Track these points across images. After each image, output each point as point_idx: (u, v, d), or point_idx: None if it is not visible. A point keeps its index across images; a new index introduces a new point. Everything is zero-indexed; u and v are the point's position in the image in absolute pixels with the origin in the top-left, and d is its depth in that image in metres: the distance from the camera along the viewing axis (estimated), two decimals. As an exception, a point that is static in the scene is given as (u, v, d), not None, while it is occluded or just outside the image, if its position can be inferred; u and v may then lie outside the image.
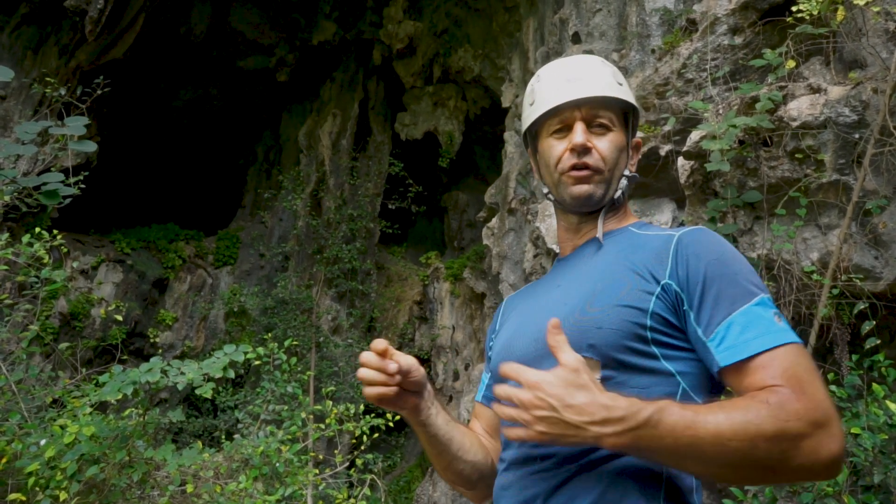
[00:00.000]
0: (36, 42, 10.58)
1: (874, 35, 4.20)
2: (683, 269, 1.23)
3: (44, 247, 4.29)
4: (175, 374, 3.56)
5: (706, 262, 1.22)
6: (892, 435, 3.19)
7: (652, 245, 1.32)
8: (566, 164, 1.41)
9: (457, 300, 12.87)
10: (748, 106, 4.39)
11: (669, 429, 1.02)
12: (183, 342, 12.69)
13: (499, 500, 1.32)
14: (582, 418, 1.03)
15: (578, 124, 1.40)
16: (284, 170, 14.27)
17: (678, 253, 1.26)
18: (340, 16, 13.69)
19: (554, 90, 1.43)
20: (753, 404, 1.05)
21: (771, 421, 1.02)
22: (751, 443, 1.01)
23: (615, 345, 1.21)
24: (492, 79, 12.66)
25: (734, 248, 1.28)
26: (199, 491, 4.07)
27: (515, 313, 1.56)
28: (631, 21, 6.79)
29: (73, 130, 2.80)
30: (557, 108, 1.42)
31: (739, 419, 1.02)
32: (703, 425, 1.02)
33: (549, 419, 1.05)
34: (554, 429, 1.05)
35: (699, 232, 1.30)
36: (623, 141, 1.44)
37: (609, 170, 1.40)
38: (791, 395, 1.05)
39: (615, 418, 1.03)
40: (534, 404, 1.06)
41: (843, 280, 3.94)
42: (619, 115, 1.44)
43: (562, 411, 1.04)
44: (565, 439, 1.06)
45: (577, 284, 1.38)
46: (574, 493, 1.18)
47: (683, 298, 1.22)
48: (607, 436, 1.04)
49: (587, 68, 1.44)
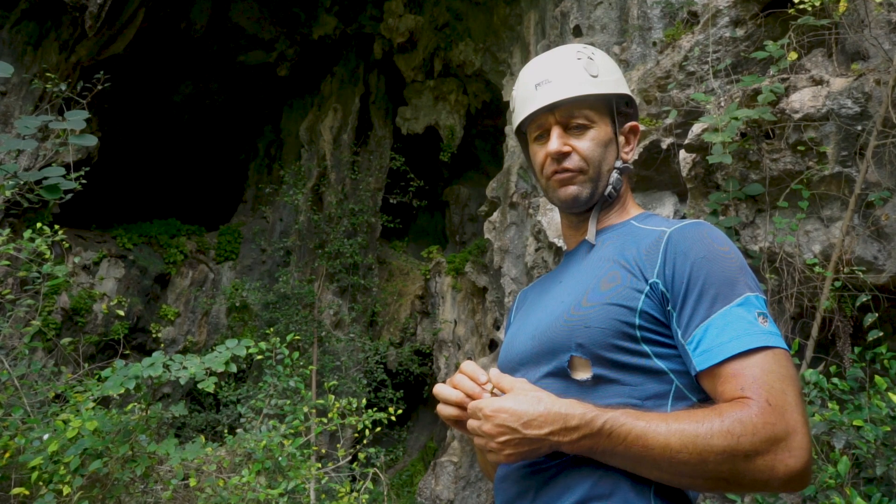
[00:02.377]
0: (36, 38, 10.56)
1: (876, 26, 4.18)
2: (671, 267, 1.21)
3: (45, 242, 4.29)
4: (177, 368, 3.56)
5: (692, 261, 1.19)
6: (895, 427, 3.19)
7: (645, 240, 1.30)
8: (549, 170, 1.40)
9: (458, 294, 12.88)
10: (750, 98, 4.37)
11: (621, 438, 1.07)
12: (185, 337, 12.71)
13: (498, 492, 1.34)
14: (541, 431, 1.08)
15: (554, 130, 1.38)
16: (286, 164, 14.27)
17: (667, 250, 1.23)
18: (341, 10, 13.66)
19: (526, 97, 1.42)
20: (709, 418, 1.05)
21: (721, 437, 1.02)
22: (700, 456, 1.03)
23: (603, 343, 1.20)
24: (493, 72, 12.63)
25: (727, 243, 1.24)
26: (202, 485, 4.08)
27: (523, 309, 1.57)
28: (632, 14, 6.77)
29: (73, 125, 2.80)
30: (531, 117, 1.41)
31: (690, 432, 1.04)
32: (653, 437, 1.05)
33: (512, 441, 1.10)
34: (520, 448, 1.10)
35: (691, 227, 1.26)
36: (607, 134, 1.41)
37: (594, 168, 1.38)
38: (754, 410, 1.04)
39: (571, 427, 1.08)
40: (496, 433, 1.11)
41: (846, 272, 3.93)
42: (599, 110, 1.40)
43: (522, 430, 1.09)
44: (533, 453, 1.12)
45: (574, 281, 1.38)
46: (566, 486, 1.19)
47: (668, 298, 1.20)
48: (566, 443, 1.09)
49: (557, 68, 1.40)
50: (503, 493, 1.31)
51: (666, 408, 1.19)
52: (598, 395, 1.19)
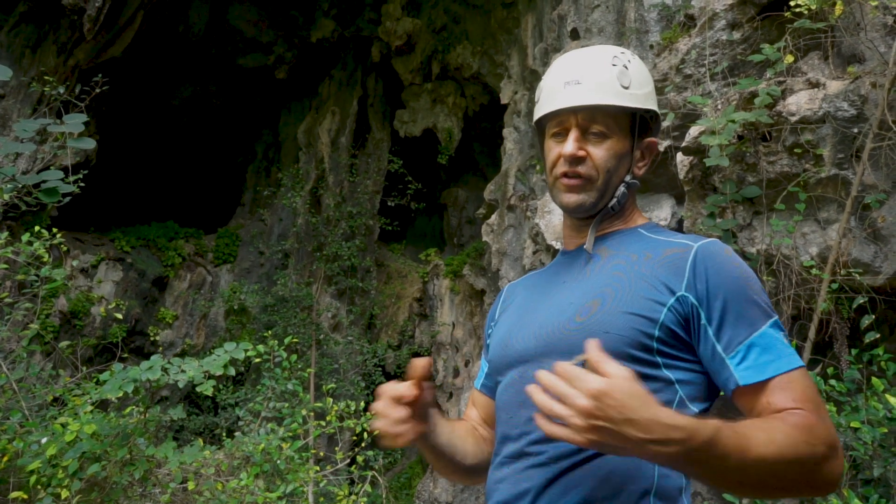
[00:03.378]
0: (34, 40, 10.56)
1: (872, 29, 4.20)
2: (703, 282, 1.23)
3: (43, 245, 4.29)
4: (175, 371, 3.56)
5: (727, 279, 1.23)
6: (892, 429, 3.20)
7: (665, 253, 1.31)
8: (559, 171, 1.39)
9: (456, 297, 12.87)
10: (747, 101, 4.39)
11: (721, 451, 1.02)
12: (183, 340, 12.70)
13: (492, 493, 1.33)
14: (643, 436, 0.99)
15: (573, 132, 1.37)
16: (284, 167, 14.26)
17: (696, 265, 1.25)
18: (339, 13, 13.67)
19: (553, 92, 1.40)
20: (786, 428, 1.08)
21: (805, 446, 1.06)
22: (787, 465, 1.05)
23: (620, 351, 1.20)
24: (490, 75, 12.65)
25: (748, 266, 1.30)
26: (201, 488, 4.07)
27: (516, 304, 1.54)
28: (629, 17, 6.78)
29: (71, 128, 2.80)
30: (555, 113, 1.39)
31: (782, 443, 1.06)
32: (752, 448, 1.04)
33: (605, 430, 1.00)
34: (607, 440, 1.00)
35: (717, 245, 1.29)
36: (624, 147, 1.40)
37: (604, 178, 1.37)
38: (814, 419, 1.10)
39: (676, 439, 0.99)
40: (592, 413, 0.99)
41: (843, 274, 3.94)
42: (621, 121, 1.39)
43: (621, 426, 0.99)
44: (613, 450, 1.03)
45: (583, 284, 1.37)
46: (566, 488, 1.20)
47: (701, 312, 1.22)
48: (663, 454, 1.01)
49: (590, 70, 1.37)
50: (498, 494, 1.30)
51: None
52: None
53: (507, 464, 1.32)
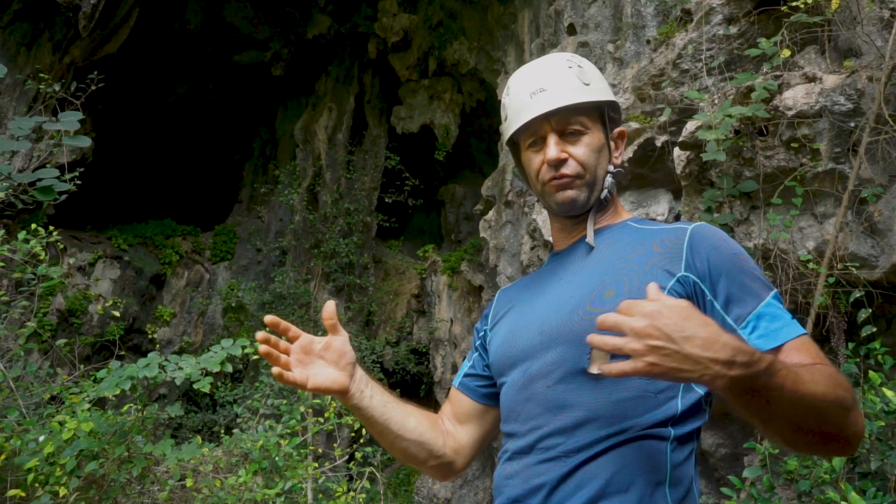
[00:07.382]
0: (29, 38, 10.52)
1: (869, 23, 4.20)
2: (703, 260, 1.28)
3: (40, 243, 4.28)
4: (173, 369, 3.56)
5: (726, 255, 1.29)
6: (889, 422, 3.20)
7: (658, 240, 1.35)
8: (546, 177, 1.43)
9: (454, 293, 12.87)
10: (744, 95, 4.38)
11: (779, 382, 1.01)
12: (181, 338, 12.69)
13: (502, 489, 1.32)
14: (706, 353, 0.97)
15: (551, 137, 1.41)
16: (280, 164, 14.24)
17: (693, 245, 1.30)
18: (335, 9, 13.64)
19: (521, 106, 1.44)
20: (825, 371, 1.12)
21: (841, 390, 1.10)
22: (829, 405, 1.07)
23: None
24: (487, 71, 12.63)
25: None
26: (199, 485, 4.08)
27: (516, 306, 1.55)
28: (626, 12, 6.78)
29: (67, 126, 2.79)
30: (527, 125, 1.43)
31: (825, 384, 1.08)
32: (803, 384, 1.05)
33: (665, 350, 0.97)
34: (667, 361, 0.97)
35: (708, 226, 1.35)
36: (601, 140, 1.45)
37: (591, 172, 1.42)
38: (836, 371, 1.14)
39: (741, 362, 0.97)
40: (648, 333, 0.97)
41: (840, 269, 3.94)
42: (592, 116, 1.44)
43: (681, 343, 0.96)
44: (676, 374, 0.98)
45: (582, 278, 1.39)
46: (581, 482, 1.20)
47: (705, 289, 1.26)
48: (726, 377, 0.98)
49: (550, 76, 1.43)
50: (509, 490, 1.30)
51: (676, 400, 1.24)
52: (613, 388, 1.23)
53: (516, 459, 1.32)
